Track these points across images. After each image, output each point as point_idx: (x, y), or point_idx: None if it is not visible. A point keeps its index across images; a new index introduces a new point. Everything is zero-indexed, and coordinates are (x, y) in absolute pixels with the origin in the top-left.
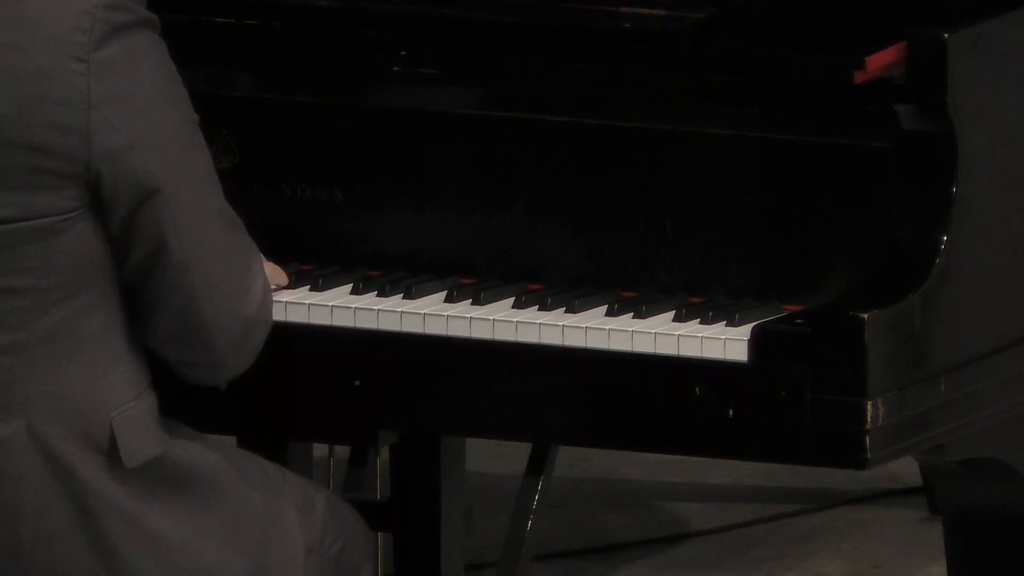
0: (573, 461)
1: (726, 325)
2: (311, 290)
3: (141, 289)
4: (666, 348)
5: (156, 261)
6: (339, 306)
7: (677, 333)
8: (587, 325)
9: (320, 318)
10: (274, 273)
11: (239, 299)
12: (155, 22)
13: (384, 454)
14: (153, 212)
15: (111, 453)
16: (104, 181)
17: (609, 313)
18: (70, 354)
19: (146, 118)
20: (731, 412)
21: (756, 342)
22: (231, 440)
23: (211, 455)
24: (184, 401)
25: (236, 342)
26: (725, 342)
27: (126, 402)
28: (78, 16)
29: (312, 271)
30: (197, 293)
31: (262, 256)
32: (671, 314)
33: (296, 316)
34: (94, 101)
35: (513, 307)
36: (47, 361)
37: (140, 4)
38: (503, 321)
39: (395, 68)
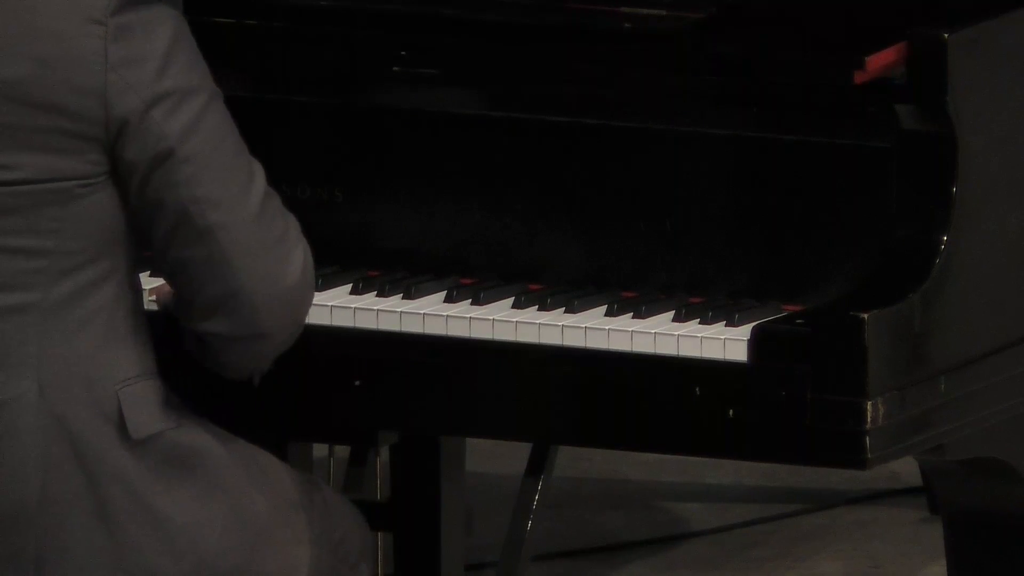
0: (573, 461)
1: (726, 325)
2: None
3: (177, 265)
4: (666, 348)
5: (180, 229)
6: (338, 306)
7: (677, 333)
8: (587, 325)
9: (319, 318)
10: None
11: (278, 266)
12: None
13: (384, 454)
14: (169, 176)
15: (118, 424)
16: (122, 143)
17: (608, 313)
18: (81, 323)
19: (163, 81)
20: (731, 412)
21: (756, 342)
22: None
23: (219, 446)
24: (185, 400)
25: (279, 311)
26: (725, 342)
27: (130, 378)
28: None
29: None
30: (234, 263)
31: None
32: (671, 314)
33: None
34: (111, 63)
35: (513, 307)
36: (59, 326)
37: None
38: (503, 321)
39: (395, 68)
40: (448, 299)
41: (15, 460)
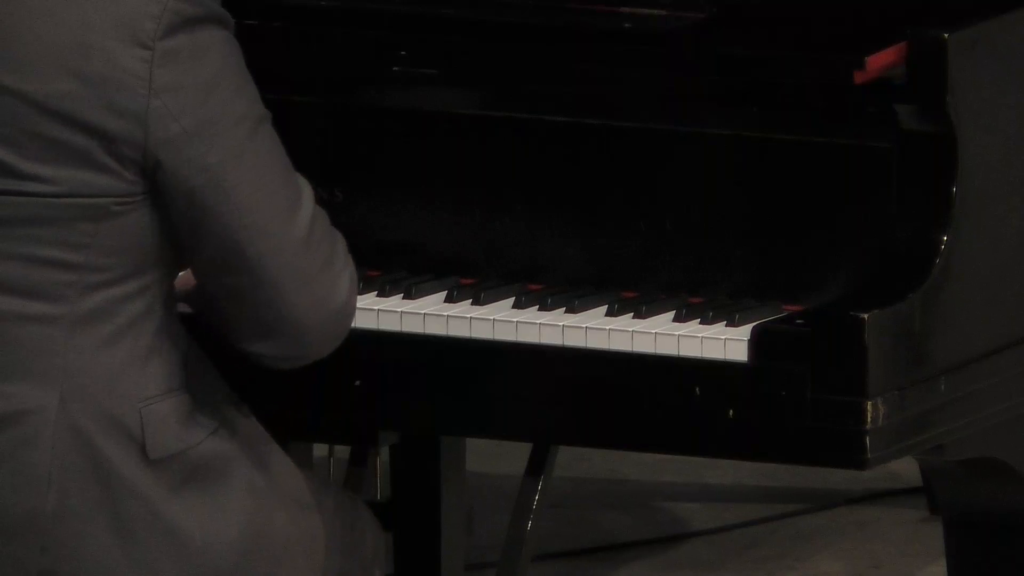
0: (573, 461)
1: (726, 325)
2: None
3: (225, 291)
4: (666, 348)
5: (227, 257)
6: None
7: (677, 333)
8: (587, 325)
9: None
10: None
11: (326, 290)
12: (227, 20)
13: (384, 454)
14: (212, 204)
15: (139, 443)
16: (162, 169)
17: (609, 313)
18: (109, 339)
19: (207, 109)
20: (731, 412)
21: (756, 342)
22: None
23: (237, 459)
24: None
25: (328, 333)
26: (725, 342)
27: (153, 396)
28: (148, 3)
29: None
30: (283, 288)
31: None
32: (671, 314)
33: None
34: (155, 88)
35: (513, 307)
36: (86, 341)
37: (214, 0)
38: (503, 321)
39: (395, 68)
40: (448, 299)
41: (31, 470)
